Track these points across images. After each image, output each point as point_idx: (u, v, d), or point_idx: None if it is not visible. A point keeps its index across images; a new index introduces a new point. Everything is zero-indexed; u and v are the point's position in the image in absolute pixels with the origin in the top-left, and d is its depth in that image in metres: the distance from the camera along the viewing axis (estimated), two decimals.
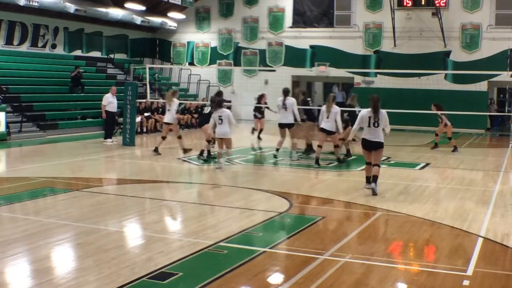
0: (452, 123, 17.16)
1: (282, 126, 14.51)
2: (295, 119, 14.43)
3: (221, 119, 12.55)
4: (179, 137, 15.17)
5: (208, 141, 14.18)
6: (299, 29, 29.24)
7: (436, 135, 17.55)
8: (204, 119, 14.55)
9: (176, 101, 15.15)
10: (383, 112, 10.40)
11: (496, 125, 27.57)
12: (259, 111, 19.15)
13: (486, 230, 8.02)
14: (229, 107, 29.86)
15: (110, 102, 17.91)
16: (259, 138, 18.65)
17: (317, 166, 13.46)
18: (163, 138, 15.29)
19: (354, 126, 10.76)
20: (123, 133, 17.77)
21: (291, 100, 14.39)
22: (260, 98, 19.39)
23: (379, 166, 10.55)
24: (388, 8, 26.51)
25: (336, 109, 13.49)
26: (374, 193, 10.21)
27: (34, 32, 24.61)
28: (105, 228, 7.68)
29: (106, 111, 17.91)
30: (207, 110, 14.58)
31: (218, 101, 12.99)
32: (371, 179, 10.48)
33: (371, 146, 10.41)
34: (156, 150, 15.22)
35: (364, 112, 10.46)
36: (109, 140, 17.97)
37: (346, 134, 14.30)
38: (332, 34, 28.57)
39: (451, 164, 14.52)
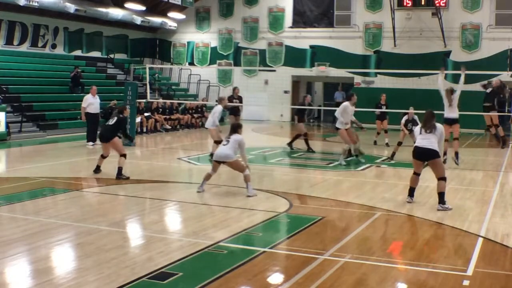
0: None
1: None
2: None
3: (228, 140, 10.37)
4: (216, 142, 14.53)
5: (124, 155, 11.78)
6: (299, 29, 29.26)
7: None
8: (109, 131, 11.98)
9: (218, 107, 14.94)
10: (439, 126, 9.67)
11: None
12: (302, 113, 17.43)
13: (486, 230, 8.03)
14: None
15: (90, 103, 17.08)
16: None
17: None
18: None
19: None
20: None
21: None
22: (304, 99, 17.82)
23: (444, 180, 9.30)
24: (388, 8, 26.53)
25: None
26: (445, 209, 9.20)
27: (34, 32, 24.64)
28: (105, 228, 7.68)
29: (87, 113, 17.08)
30: (112, 121, 12.03)
31: (233, 126, 10.73)
32: (438, 198, 9.31)
33: (422, 155, 9.44)
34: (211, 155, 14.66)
35: (416, 128, 9.97)
36: (90, 143, 16.92)
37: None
38: (332, 34, 28.59)
39: (451, 164, 14.51)
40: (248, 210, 8.96)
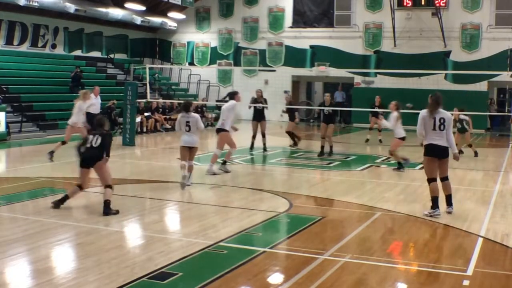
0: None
1: None
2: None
3: (189, 125, 10.61)
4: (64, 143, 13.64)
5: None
6: (299, 29, 29.26)
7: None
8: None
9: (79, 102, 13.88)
10: (447, 114, 8.89)
11: (496, 125, 27.56)
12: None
13: (486, 230, 8.02)
14: None
15: (91, 103, 16.52)
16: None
17: None
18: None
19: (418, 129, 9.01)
20: (123, 133, 17.76)
21: None
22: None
23: (448, 179, 8.95)
24: (388, 8, 26.52)
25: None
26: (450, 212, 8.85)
27: (34, 32, 24.62)
28: (105, 228, 7.68)
29: (88, 113, 16.27)
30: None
31: (184, 104, 10.80)
32: (445, 200, 8.89)
33: (439, 153, 8.81)
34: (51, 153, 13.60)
35: (424, 113, 8.90)
36: None
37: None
38: (332, 34, 28.58)
39: (451, 164, 14.46)
40: (248, 210, 8.95)
